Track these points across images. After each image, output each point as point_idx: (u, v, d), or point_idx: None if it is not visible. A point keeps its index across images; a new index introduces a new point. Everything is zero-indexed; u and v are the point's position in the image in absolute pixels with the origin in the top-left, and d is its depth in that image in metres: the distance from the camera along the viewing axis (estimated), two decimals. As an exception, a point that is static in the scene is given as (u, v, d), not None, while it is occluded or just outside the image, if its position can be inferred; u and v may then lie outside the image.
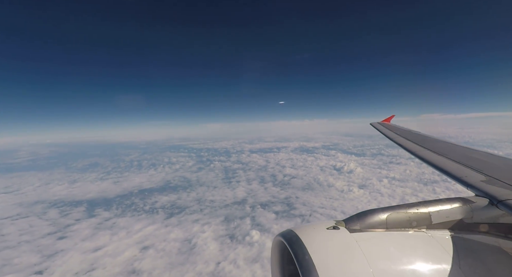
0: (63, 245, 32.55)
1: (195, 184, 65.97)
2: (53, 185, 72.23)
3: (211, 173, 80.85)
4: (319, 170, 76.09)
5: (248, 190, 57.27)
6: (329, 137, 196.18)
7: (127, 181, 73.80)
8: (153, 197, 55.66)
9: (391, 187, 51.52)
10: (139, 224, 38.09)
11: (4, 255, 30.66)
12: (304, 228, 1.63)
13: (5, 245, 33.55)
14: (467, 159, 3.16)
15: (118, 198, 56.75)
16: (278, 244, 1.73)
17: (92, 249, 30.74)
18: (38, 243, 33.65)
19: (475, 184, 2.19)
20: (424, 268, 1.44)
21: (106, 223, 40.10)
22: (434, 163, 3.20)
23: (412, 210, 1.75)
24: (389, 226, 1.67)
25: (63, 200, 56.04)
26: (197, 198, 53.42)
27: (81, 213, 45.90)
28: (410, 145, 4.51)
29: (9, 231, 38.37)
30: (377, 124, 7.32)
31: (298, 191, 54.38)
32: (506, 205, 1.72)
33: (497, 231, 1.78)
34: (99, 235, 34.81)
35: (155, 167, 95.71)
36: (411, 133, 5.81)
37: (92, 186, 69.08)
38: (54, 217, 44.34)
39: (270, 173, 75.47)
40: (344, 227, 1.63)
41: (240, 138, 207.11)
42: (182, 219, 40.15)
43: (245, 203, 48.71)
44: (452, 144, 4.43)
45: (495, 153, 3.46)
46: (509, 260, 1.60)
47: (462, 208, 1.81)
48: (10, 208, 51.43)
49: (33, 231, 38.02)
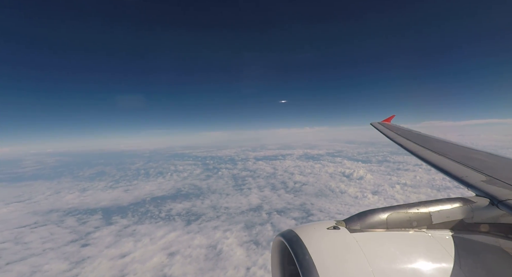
0: (89, 252, 32.83)
1: (206, 192, 66.27)
2: (64, 193, 72.42)
3: (220, 180, 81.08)
4: (328, 177, 76.54)
5: (261, 196, 57.61)
6: (332, 144, 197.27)
7: (137, 189, 73.96)
8: (167, 205, 55.93)
9: (404, 193, 52.04)
10: (161, 231, 38.39)
11: (32, 262, 30.89)
12: (304, 228, 1.63)
13: (30, 253, 33.80)
14: (468, 159, 3.16)
15: (132, 205, 57.03)
16: (278, 244, 1.73)
17: (118, 256, 31.03)
18: (63, 250, 33.91)
19: (476, 184, 2.19)
20: (425, 268, 1.44)
21: (126, 230, 40.38)
22: (434, 163, 3.21)
23: (413, 210, 1.75)
24: (389, 226, 1.67)
25: (77, 208, 56.26)
26: (212, 205, 53.73)
27: (98, 220, 46.15)
28: (411, 145, 4.48)
29: (31, 239, 38.60)
30: (377, 124, 7.33)
31: (312, 197, 54.80)
32: (506, 205, 1.70)
33: (497, 231, 1.77)
34: (122, 242, 35.10)
35: (163, 175, 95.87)
36: (411, 133, 5.80)
37: (103, 194, 69.26)
38: (73, 225, 44.59)
39: (280, 180, 75.78)
40: (345, 227, 1.64)
41: (242, 146, 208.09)
42: (202, 225, 40.46)
43: (261, 209, 49.08)
44: (453, 144, 4.40)
45: (495, 153, 3.48)
46: (509, 260, 1.60)
47: (462, 208, 1.81)
48: (25, 216, 51.63)
49: (55, 238, 38.27)
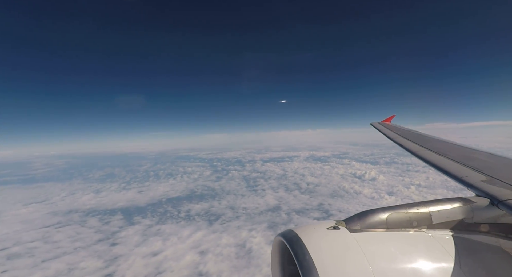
0: (119, 250, 33.57)
1: (221, 193, 66.94)
2: (79, 195, 73.29)
3: (232, 181, 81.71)
4: (340, 178, 77.11)
5: (277, 197, 58.25)
6: (336, 146, 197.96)
7: (151, 190, 74.70)
8: (184, 205, 56.61)
9: (420, 193, 52.56)
10: (186, 230, 39.11)
11: (67, 260, 31.68)
12: (304, 228, 1.64)
13: (62, 251, 34.59)
14: (468, 159, 3.15)
15: (149, 206, 57.76)
16: (278, 244, 1.73)
17: (150, 254, 31.77)
18: (94, 249, 34.68)
19: (476, 184, 2.19)
20: (425, 268, 1.45)
21: (151, 229, 41.11)
22: (434, 163, 3.21)
23: (413, 210, 1.75)
24: (389, 226, 1.68)
25: (95, 209, 57.02)
26: (229, 205, 54.36)
27: (120, 221, 46.92)
28: (411, 145, 4.49)
29: (59, 238, 39.40)
30: (377, 124, 7.35)
31: (328, 198, 55.39)
32: (506, 205, 1.71)
33: (497, 231, 1.78)
34: (150, 241, 35.84)
35: (173, 177, 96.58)
36: (411, 133, 5.81)
37: (118, 196, 70.06)
38: (96, 225, 45.38)
39: (292, 181, 76.37)
40: (345, 227, 1.64)
41: (246, 148, 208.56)
42: (225, 225, 41.16)
43: (279, 210, 49.72)
44: (453, 144, 4.40)
45: (495, 153, 3.47)
46: (509, 260, 1.60)
47: (462, 208, 1.81)
48: (46, 217, 52.47)
49: (83, 238, 39.06)
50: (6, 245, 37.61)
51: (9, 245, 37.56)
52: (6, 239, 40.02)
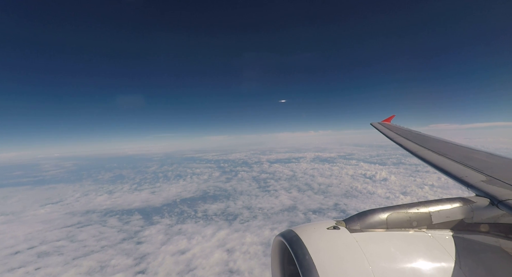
0: (146, 249, 34.19)
1: (233, 193, 67.50)
2: (93, 195, 74.12)
3: (242, 182, 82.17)
4: (351, 179, 77.46)
5: (291, 197, 58.76)
6: (341, 147, 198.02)
7: (163, 191, 75.37)
8: (200, 206, 57.22)
9: (435, 193, 52.92)
10: (208, 229, 39.70)
11: (97, 258, 32.36)
12: (304, 228, 1.64)
13: (89, 250, 35.29)
14: (468, 159, 3.16)
15: (164, 206, 58.41)
16: (278, 244, 1.74)
17: (178, 252, 32.34)
18: (120, 248, 35.31)
19: (476, 184, 2.20)
20: (425, 268, 1.45)
21: (172, 229, 41.72)
22: (434, 163, 3.22)
23: (413, 210, 1.76)
24: (389, 226, 1.68)
25: (112, 209, 57.76)
26: (244, 206, 54.90)
27: (140, 220, 47.59)
28: (410, 145, 4.51)
29: (84, 237, 40.11)
30: (377, 124, 7.37)
31: (342, 198, 55.84)
32: (506, 205, 1.72)
33: (497, 231, 1.78)
34: (174, 240, 36.44)
35: (183, 178, 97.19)
36: (411, 133, 5.82)
37: (132, 196, 70.81)
38: (117, 224, 46.07)
39: (303, 182, 76.79)
40: (345, 227, 1.64)
41: (250, 150, 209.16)
42: (245, 225, 41.71)
43: (295, 209, 50.23)
44: (453, 144, 4.39)
45: (495, 153, 3.48)
46: (509, 260, 1.61)
47: (462, 208, 1.82)
48: (65, 217, 53.26)
49: (107, 237, 39.75)
50: (33, 244, 38.36)
51: (36, 244, 38.32)
52: (32, 238, 40.79)
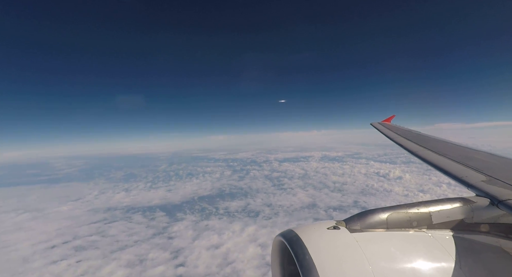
0: (180, 243, 35.17)
1: (250, 191, 68.25)
2: (110, 193, 75.27)
3: (256, 181, 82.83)
4: (364, 177, 78.00)
5: (309, 195, 59.44)
6: (346, 147, 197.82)
7: (179, 189, 76.33)
8: (219, 203, 58.03)
9: (454, 192, 53.35)
10: (235, 225, 40.58)
11: (133, 252, 33.39)
12: (304, 228, 1.65)
13: (123, 244, 36.36)
14: (468, 159, 3.16)
15: (184, 204, 59.35)
16: (278, 244, 1.75)
17: (212, 247, 33.27)
18: (154, 242, 36.34)
19: (476, 184, 2.20)
20: (425, 268, 1.46)
21: (199, 225, 42.69)
22: (434, 163, 3.22)
23: (413, 210, 1.77)
24: (389, 226, 1.69)
25: (133, 207, 58.81)
26: (264, 203, 55.69)
27: (164, 217, 48.61)
28: (410, 145, 4.52)
29: (114, 232, 41.21)
30: (377, 124, 7.40)
31: (360, 196, 56.48)
32: (506, 205, 1.72)
33: (497, 231, 1.79)
34: (205, 235, 37.38)
35: (195, 176, 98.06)
36: (411, 133, 5.82)
37: (149, 194, 71.88)
38: (142, 221, 47.12)
39: (317, 180, 77.42)
40: (345, 227, 1.65)
41: (255, 149, 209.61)
42: (271, 221, 42.57)
43: (316, 207, 50.97)
44: (453, 144, 4.40)
45: (495, 153, 3.48)
46: (509, 260, 1.61)
47: (462, 208, 1.82)
48: (89, 214, 54.44)
49: (137, 232, 40.81)
50: (66, 239, 39.52)
51: (70, 239, 39.47)
52: (63, 233, 41.96)
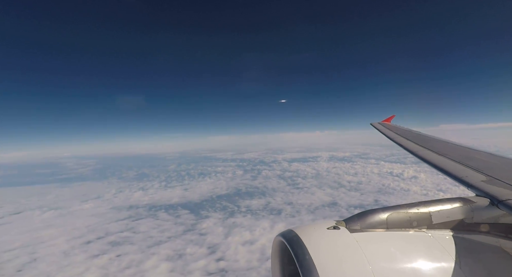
0: (213, 239, 36.00)
1: (266, 190, 68.93)
2: (127, 192, 76.28)
3: (270, 180, 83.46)
4: (378, 177, 78.50)
5: (328, 194, 60.08)
6: (352, 147, 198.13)
7: (195, 188, 77.25)
8: (239, 201, 58.78)
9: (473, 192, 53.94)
10: (263, 222, 41.40)
11: (170, 247, 34.26)
12: (304, 228, 1.66)
13: (157, 240, 37.26)
14: (468, 159, 3.17)
15: (204, 202, 60.25)
16: (278, 244, 1.76)
17: (247, 242, 34.07)
18: (187, 238, 37.17)
19: (476, 184, 2.21)
20: (425, 268, 1.47)
21: (226, 222, 43.51)
22: (434, 163, 3.23)
23: (413, 210, 1.77)
24: (389, 226, 1.70)
25: (154, 205, 59.78)
26: (285, 202, 56.40)
27: (189, 214, 49.49)
28: (410, 145, 4.55)
29: (144, 229, 42.15)
30: (377, 124, 7.39)
31: (379, 195, 57.08)
32: (506, 205, 1.72)
33: (497, 231, 1.79)
34: (235, 232, 38.18)
35: (208, 176, 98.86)
36: (411, 133, 5.83)
37: (166, 193, 72.84)
38: (168, 218, 48.04)
39: (331, 180, 77.97)
40: (345, 227, 1.65)
41: (261, 149, 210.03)
42: (297, 219, 43.34)
43: (337, 205, 51.67)
44: (453, 144, 4.41)
45: (495, 153, 3.49)
46: (509, 260, 1.62)
47: (462, 208, 1.83)
48: (113, 211, 55.44)
49: (168, 229, 41.72)
50: (99, 235, 40.50)
51: (103, 235, 40.44)
52: (94, 229, 42.96)
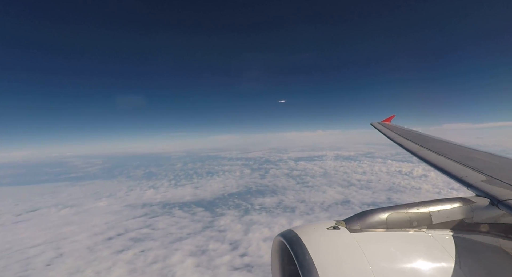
0: (234, 236, 36.55)
1: (277, 188, 69.44)
2: (138, 190, 77.16)
3: (279, 179, 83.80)
4: (387, 175, 78.82)
5: (339, 192, 60.50)
6: (356, 146, 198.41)
7: (205, 187, 77.83)
8: (251, 199, 59.35)
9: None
10: (281, 220, 41.91)
11: (192, 243, 34.85)
12: (304, 228, 1.65)
13: (178, 236, 37.91)
14: (468, 159, 3.18)
15: (217, 200, 60.92)
16: (278, 244, 1.76)
17: (267, 239, 34.42)
18: (207, 235, 37.78)
19: (476, 184, 2.20)
20: (425, 268, 1.47)
21: (243, 219, 44.05)
22: (434, 163, 3.23)
23: (413, 210, 1.77)
24: (389, 226, 1.70)
25: (167, 202, 60.51)
26: (297, 199, 56.88)
27: (204, 212, 50.14)
28: (410, 145, 4.56)
29: (163, 226, 42.82)
30: (377, 124, 7.38)
31: (391, 193, 57.40)
32: (506, 205, 1.71)
33: (497, 231, 1.79)
34: (254, 229, 38.64)
35: (216, 175, 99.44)
36: (411, 133, 5.83)
37: (178, 191, 73.56)
38: (184, 215, 48.68)
39: (340, 178, 78.25)
40: (345, 227, 1.65)
41: (265, 149, 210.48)
42: (312, 216, 43.82)
43: (349, 203, 52.13)
44: (453, 144, 4.40)
45: (495, 153, 3.50)
46: (509, 260, 1.62)
47: (462, 208, 1.82)
48: (127, 209, 56.23)
49: (186, 226, 42.36)
50: (119, 231, 41.21)
51: (122, 231, 41.14)
52: (113, 226, 43.67)
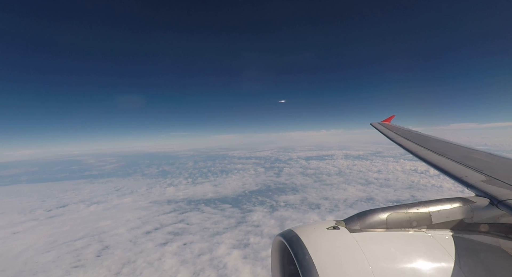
0: (270, 230, 37.36)
1: (296, 186, 70.20)
2: (159, 188, 78.42)
3: (295, 177, 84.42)
4: (403, 174, 79.06)
5: (360, 190, 61.15)
6: (364, 145, 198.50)
7: (223, 184, 78.71)
8: (274, 197, 60.15)
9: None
10: (312, 215, 42.90)
11: (231, 236, 35.92)
12: (304, 228, 1.66)
13: (215, 231, 39.06)
14: (468, 159, 3.19)
15: (240, 197, 61.89)
16: (278, 244, 1.77)
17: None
18: (243, 230, 38.73)
19: (475, 184, 2.22)
20: (425, 268, 1.47)
21: (274, 215, 45.05)
22: (434, 163, 3.24)
23: (413, 210, 1.78)
24: (389, 226, 1.70)
25: (191, 199, 61.74)
26: (319, 197, 57.69)
27: (233, 208, 51.19)
28: (410, 145, 4.58)
29: (196, 221, 43.98)
30: (377, 124, 7.41)
31: (413, 191, 57.94)
32: (506, 205, 1.73)
33: (497, 231, 1.80)
34: (288, 224, 39.69)
35: (230, 173, 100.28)
36: (411, 133, 5.85)
37: (198, 188, 74.72)
38: (213, 211, 49.81)
39: (357, 176, 78.68)
40: (344, 227, 1.66)
41: (272, 148, 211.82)
42: (343, 212, 44.68)
43: (374, 200, 52.80)
44: (452, 144, 4.43)
45: (495, 153, 3.51)
46: (509, 260, 1.63)
47: (462, 208, 1.83)
48: (154, 205, 57.51)
49: (219, 221, 43.50)
50: (155, 226, 42.48)
51: (158, 226, 42.38)
52: (147, 221, 44.97)
